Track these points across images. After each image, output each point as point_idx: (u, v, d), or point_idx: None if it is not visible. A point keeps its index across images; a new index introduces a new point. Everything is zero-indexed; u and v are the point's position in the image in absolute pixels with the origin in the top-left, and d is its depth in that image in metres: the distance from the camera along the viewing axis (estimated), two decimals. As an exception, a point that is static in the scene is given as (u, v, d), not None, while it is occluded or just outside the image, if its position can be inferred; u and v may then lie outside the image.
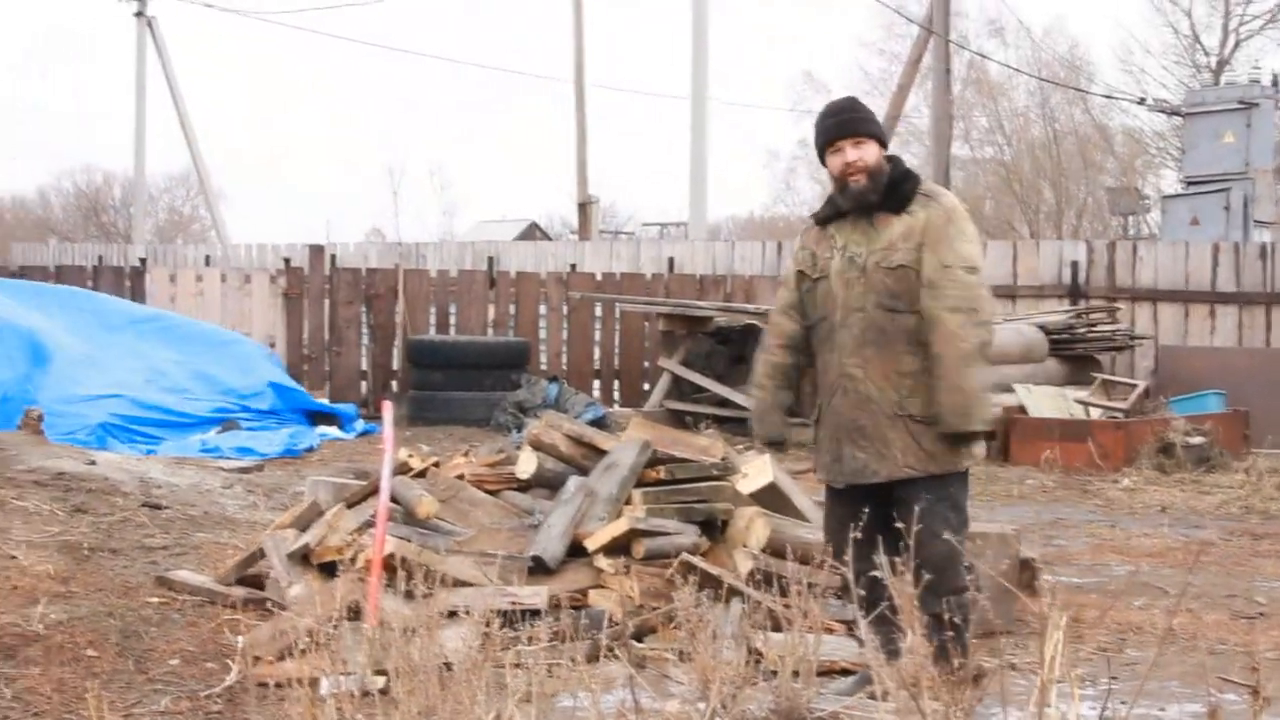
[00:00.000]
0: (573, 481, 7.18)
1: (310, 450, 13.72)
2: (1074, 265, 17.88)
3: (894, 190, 5.69)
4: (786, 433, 6.27)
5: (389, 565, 6.05)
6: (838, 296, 5.78)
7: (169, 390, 14.13)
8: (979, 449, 5.71)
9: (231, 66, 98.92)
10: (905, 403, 5.66)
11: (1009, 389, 14.09)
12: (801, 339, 6.02)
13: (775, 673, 5.47)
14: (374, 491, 6.98)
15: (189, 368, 14.63)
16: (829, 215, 5.86)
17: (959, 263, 5.54)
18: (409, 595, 4.95)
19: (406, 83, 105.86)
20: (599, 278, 19.02)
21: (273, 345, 17.59)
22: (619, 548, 6.75)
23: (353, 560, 6.43)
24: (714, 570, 6.58)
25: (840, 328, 5.79)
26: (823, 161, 5.88)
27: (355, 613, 5.85)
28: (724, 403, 15.87)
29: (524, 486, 7.57)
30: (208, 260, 26.58)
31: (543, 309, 18.38)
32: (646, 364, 18.37)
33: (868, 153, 5.68)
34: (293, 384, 15.46)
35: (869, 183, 5.69)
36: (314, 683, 4.37)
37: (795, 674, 5.33)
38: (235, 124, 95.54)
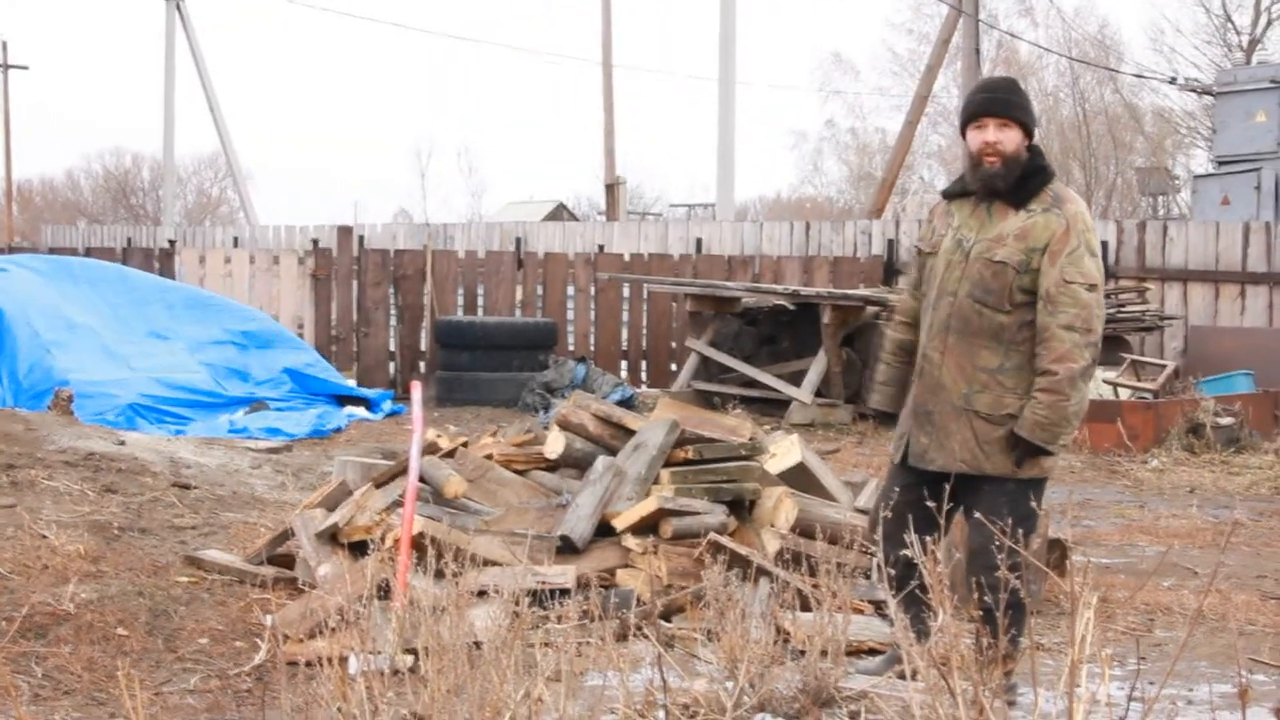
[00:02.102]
0: (601, 461, 7.18)
1: (338, 431, 13.75)
2: (1104, 245, 17.74)
3: (1020, 183, 5.57)
4: (897, 408, 6.01)
5: (418, 544, 6.07)
6: (938, 276, 5.73)
7: (195, 373, 14.17)
8: (1047, 462, 5.60)
9: (259, 49, 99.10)
10: (973, 398, 5.60)
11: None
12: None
13: (803, 652, 5.47)
14: (402, 471, 6.99)
15: (212, 354, 14.68)
16: (955, 192, 5.80)
17: (1080, 279, 5.42)
18: (438, 574, 4.96)
19: (434, 64, 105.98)
20: (627, 258, 18.99)
21: (301, 326, 17.63)
22: (647, 527, 6.75)
23: (381, 539, 6.45)
24: (742, 550, 6.58)
25: (932, 308, 5.75)
26: (964, 136, 5.73)
27: (384, 592, 5.87)
28: (752, 383, 15.85)
29: (552, 466, 7.58)
30: (236, 242, 26.64)
31: (570, 290, 18.36)
32: (674, 344, 18.35)
33: (1009, 137, 5.56)
34: (316, 366, 15.44)
35: (1002, 168, 5.56)
36: (343, 661, 4.39)
37: (823, 653, 5.34)
38: (264, 106, 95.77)
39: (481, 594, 5.80)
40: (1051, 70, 48.76)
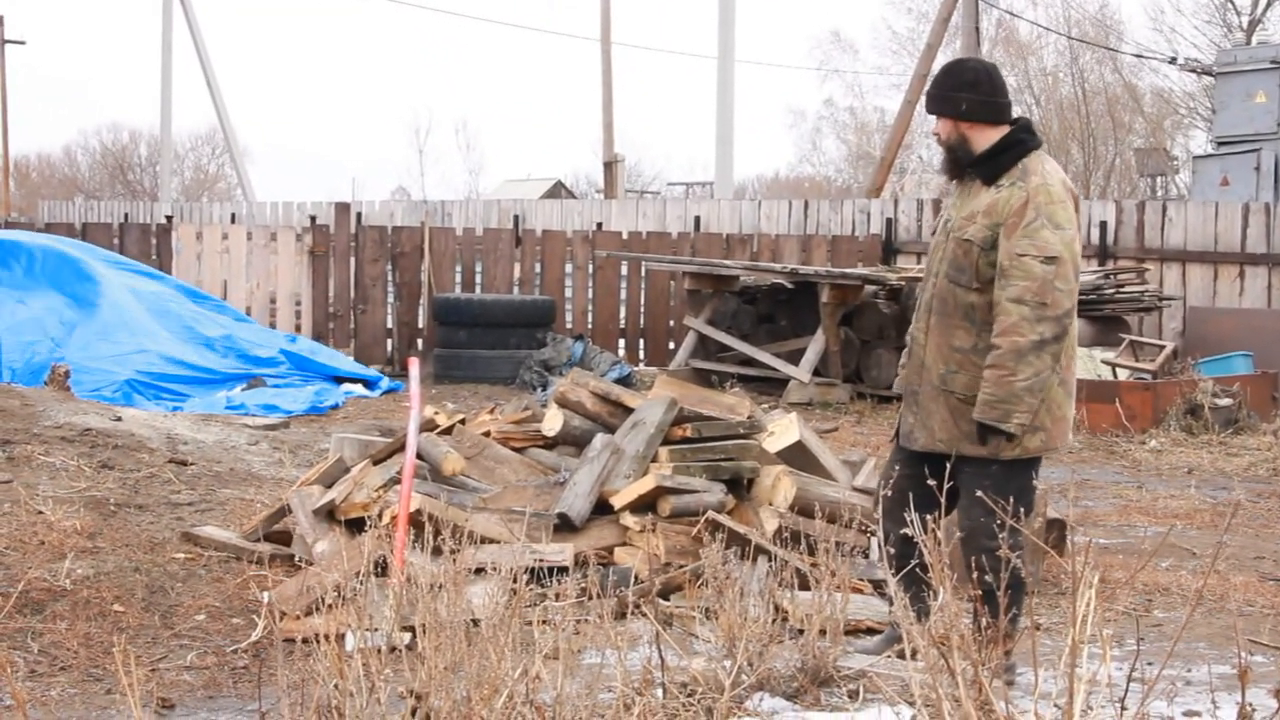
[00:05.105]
0: (599, 439, 7.16)
1: (335, 408, 13.73)
2: (1102, 225, 17.77)
3: (989, 160, 5.62)
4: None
5: (415, 521, 6.06)
6: (930, 256, 5.84)
7: (193, 349, 14.16)
8: (1031, 442, 5.54)
9: (257, 25, 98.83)
10: (950, 378, 5.59)
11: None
12: None
13: (802, 631, 5.47)
14: (400, 448, 6.98)
15: (208, 331, 14.66)
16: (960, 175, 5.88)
17: (1034, 251, 5.39)
18: (435, 552, 4.95)
19: (433, 41, 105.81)
20: (625, 236, 18.96)
21: (298, 303, 17.60)
22: (645, 505, 6.74)
23: (379, 516, 6.44)
24: (740, 528, 6.57)
25: (921, 289, 5.83)
26: None
27: (381, 569, 5.85)
28: (750, 362, 15.84)
29: (550, 444, 7.57)
30: (233, 218, 26.57)
31: (568, 267, 18.33)
32: (672, 323, 18.32)
33: (942, 128, 5.71)
34: (311, 349, 15.47)
35: (945, 154, 5.77)
36: (340, 638, 4.38)
37: (822, 632, 5.33)
38: (261, 83, 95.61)
39: (479, 571, 5.79)
40: (1051, 49, 48.72)
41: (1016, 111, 5.83)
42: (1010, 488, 5.28)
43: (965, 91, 5.64)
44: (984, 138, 5.65)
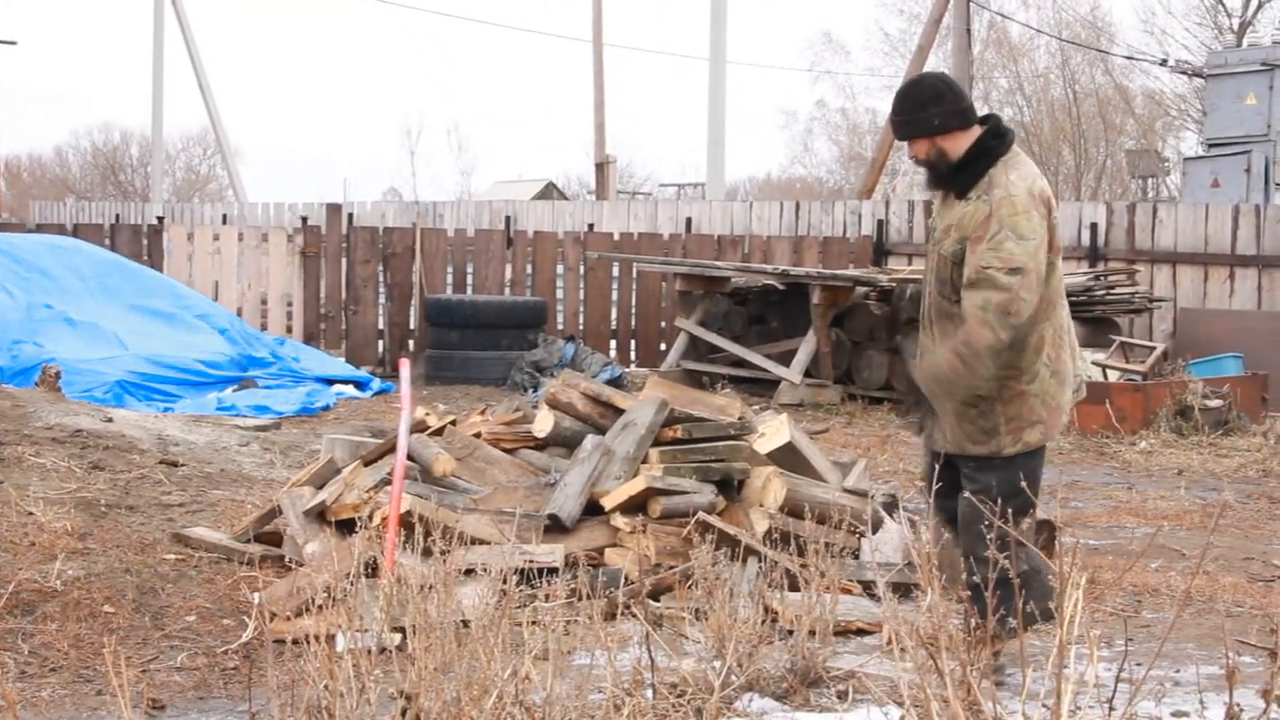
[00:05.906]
0: (590, 440, 7.17)
1: (326, 409, 13.72)
2: (1093, 227, 17.80)
3: (959, 173, 5.67)
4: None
5: (406, 522, 6.06)
6: (925, 265, 5.93)
7: (185, 350, 14.15)
8: (1031, 436, 5.62)
9: (249, 25, 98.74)
10: None
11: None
12: None
13: (791, 632, 5.48)
14: (391, 449, 6.98)
15: (199, 332, 14.67)
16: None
17: (998, 264, 5.43)
18: (426, 552, 4.96)
19: (424, 42, 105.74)
20: (616, 238, 18.97)
21: (289, 304, 17.58)
22: (636, 506, 6.75)
23: (369, 517, 6.44)
24: (731, 529, 6.58)
25: (924, 298, 5.91)
26: None
27: (372, 570, 5.86)
28: (741, 363, 15.85)
29: (541, 445, 7.57)
30: (225, 219, 26.57)
31: (560, 269, 18.34)
32: (663, 324, 18.34)
33: (918, 149, 5.72)
34: (302, 350, 15.51)
35: (929, 173, 5.78)
36: (330, 639, 4.38)
37: (811, 633, 5.34)
38: (253, 83, 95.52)
39: (469, 572, 5.79)
40: (1042, 51, 48.74)
41: (1001, 112, 5.86)
42: (1012, 484, 5.35)
43: (932, 107, 5.67)
44: (959, 144, 5.68)
